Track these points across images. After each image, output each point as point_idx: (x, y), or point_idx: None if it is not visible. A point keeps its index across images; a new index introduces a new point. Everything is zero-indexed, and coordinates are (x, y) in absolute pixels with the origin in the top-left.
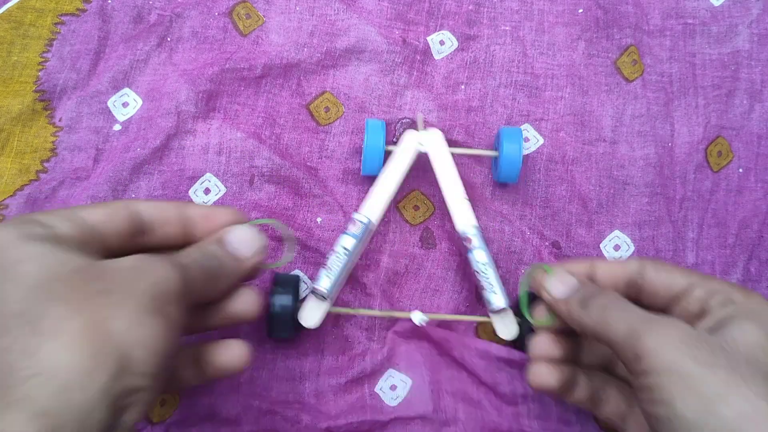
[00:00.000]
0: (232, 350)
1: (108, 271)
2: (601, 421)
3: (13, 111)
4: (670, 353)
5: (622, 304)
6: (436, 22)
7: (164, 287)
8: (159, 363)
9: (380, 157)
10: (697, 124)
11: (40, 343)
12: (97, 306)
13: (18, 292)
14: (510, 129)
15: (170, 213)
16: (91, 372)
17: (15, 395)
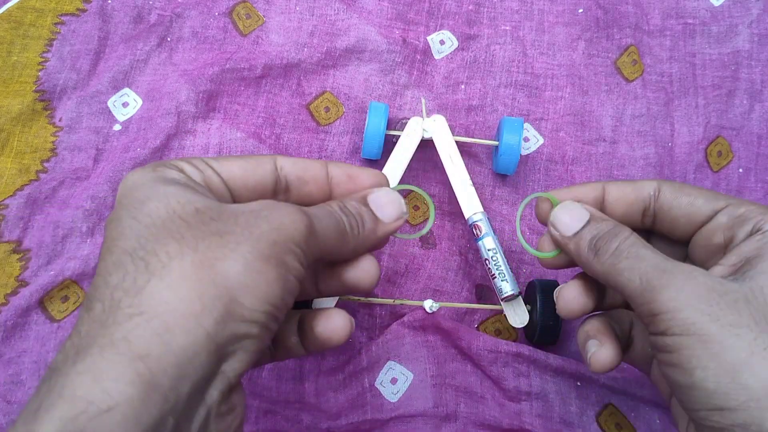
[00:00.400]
0: (336, 320)
1: (230, 212)
2: (603, 424)
3: (13, 111)
4: (689, 313)
5: (635, 249)
6: (436, 22)
7: (287, 234)
8: (269, 312)
9: (381, 139)
10: (697, 124)
11: (147, 281)
12: (210, 246)
13: (137, 228)
14: (511, 119)
15: (315, 171)
16: (196, 314)
17: (114, 335)
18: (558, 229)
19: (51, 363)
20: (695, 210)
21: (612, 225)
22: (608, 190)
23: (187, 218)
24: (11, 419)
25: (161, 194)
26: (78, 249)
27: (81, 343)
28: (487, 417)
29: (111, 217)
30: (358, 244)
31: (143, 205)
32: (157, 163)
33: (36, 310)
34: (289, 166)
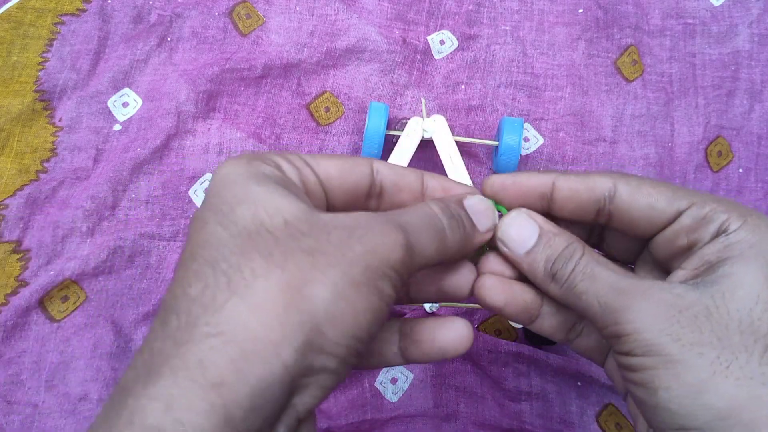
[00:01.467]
0: (456, 329)
1: (322, 226)
2: (600, 423)
3: (13, 111)
4: (650, 334)
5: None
6: (436, 22)
7: (382, 257)
8: (351, 346)
9: (381, 139)
10: (697, 124)
11: (227, 299)
12: (299, 266)
13: (223, 237)
14: (511, 119)
15: (411, 179)
16: (276, 343)
17: (188, 357)
18: (507, 246)
19: (120, 379)
20: (656, 212)
21: (565, 243)
22: (558, 186)
23: (275, 232)
24: (11, 419)
25: (251, 198)
26: (78, 249)
27: (153, 362)
28: (487, 417)
29: (197, 215)
30: (459, 250)
31: (232, 211)
32: (253, 155)
33: (36, 310)
34: (385, 171)
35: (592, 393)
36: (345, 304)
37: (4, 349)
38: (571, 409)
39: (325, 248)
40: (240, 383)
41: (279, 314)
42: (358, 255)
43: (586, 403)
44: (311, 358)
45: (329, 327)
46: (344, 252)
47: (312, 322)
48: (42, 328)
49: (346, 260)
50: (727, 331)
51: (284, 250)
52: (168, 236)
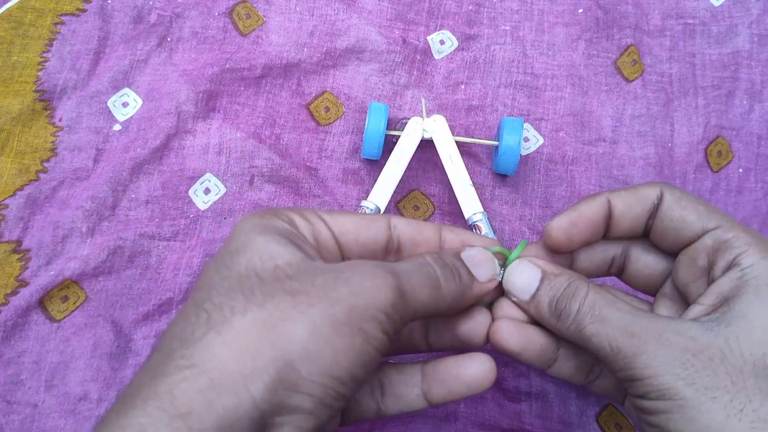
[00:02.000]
0: (481, 364)
1: (311, 270)
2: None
3: (13, 111)
4: (664, 379)
5: (598, 311)
6: (436, 22)
7: (369, 299)
8: (329, 385)
9: (381, 139)
10: (697, 125)
11: (204, 334)
12: (278, 305)
13: (214, 281)
14: (511, 119)
15: (428, 234)
16: (245, 375)
17: (160, 387)
18: (514, 295)
19: (104, 414)
20: (685, 226)
21: (567, 281)
22: (613, 203)
23: (262, 274)
24: (11, 419)
25: (251, 247)
26: (78, 249)
27: (128, 393)
28: (486, 417)
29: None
30: (455, 299)
31: (231, 258)
32: (270, 211)
33: (36, 310)
34: (402, 226)
35: (592, 393)
36: (322, 343)
37: (4, 349)
38: (571, 410)
39: (308, 289)
40: (207, 413)
41: (251, 349)
42: (342, 295)
43: (586, 403)
44: (283, 396)
45: (304, 364)
46: (327, 293)
47: (285, 359)
48: (42, 328)
49: (329, 300)
50: (741, 374)
51: (266, 290)
52: (168, 236)
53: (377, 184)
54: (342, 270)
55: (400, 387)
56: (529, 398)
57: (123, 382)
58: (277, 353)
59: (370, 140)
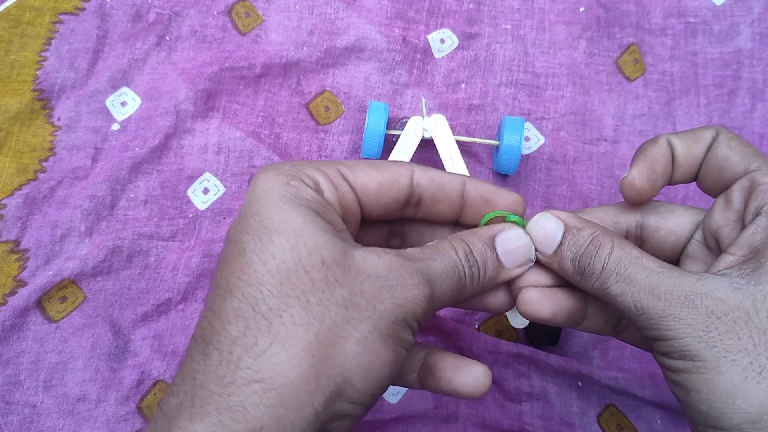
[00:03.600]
0: (473, 374)
1: (355, 273)
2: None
3: (11, 110)
4: (685, 341)
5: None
6: (436, 21)
7: (409, 310)
8: (376, 393)
9: (381, 139)
10: (699, 124)
11: (269, 345)
12: (336, 320)
13: (261, 273)
14: (512, 118)
15: (451, 190)
16: (311, 392)
17: (232, 399)
18: (536, 248)
19: (163, 404)
20: (728, 166)
21: (590, 236)
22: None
23: (312, 273)
24: (9, 419)
25: (290, 228)
26: (76, 249)
27: (197, 395)
28: (487, 418)
29: (235, 237)
30: (474, 294)
31: (270, 240)
32: (293, 172)
33: (34, 311)
34: (426, 182)
35: (593, 393)
36: (373, 357)
37: (3, 350)
38: (572, 410)
39: (358, 300)
40: (276, 427)
41: (316, 366)
42: (388, 309)
43: (587, 403)
44: (339, 406)
45: (359, 379)
46: (375, 305)
47: (344, 375)
48: (40, 328)
49: (377, 314)
50: (764, 336)
51: (321, 299)
52: (167, 236)
53: None
54: (385, 277)
55: (406, 371)
56: (530, 399)
57: (122, 382)
58: (337, 370)
59: (370, 140)
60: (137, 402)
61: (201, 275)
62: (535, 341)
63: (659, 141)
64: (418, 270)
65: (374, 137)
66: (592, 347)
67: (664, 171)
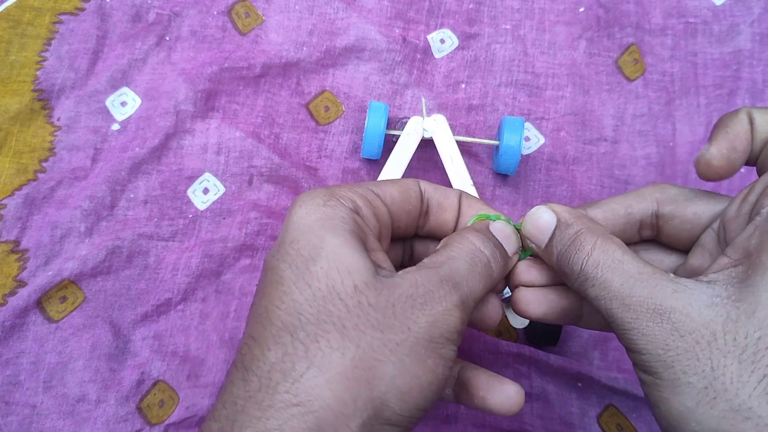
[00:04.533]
0: (507, 394)
1: (386, 296)
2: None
3: (11, 110)
4: (648, 358)
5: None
6: (436, 21)
7: (444, 326)
8: (414, 416)
9: (381, 139)
10: (699, 124)
11: (306, 369)
12: (371, 344)
13: (299, 301)
14: (512, 118)
15: (452, 199)
16: (348, 416)
17: (270, 422)
18: (530, 240)
19: (205, 428)
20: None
21: (574, 234)
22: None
23: (346, 299)
24: (9, 420)
25: (324, 254)
26: (76, 249)
27: (237, 419)
28: (487, 418)
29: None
30: (499, 278)
31: (307, 269)
32: (330, 193)
33: (34, 311)
34: (431, 191)
35: (593, 394)
36: (411, 380)
37: (2, 350)
38: (572, 410)
39: (391, 323)
40: None
41: (352, 390)
42: (422, 328)
43: (587, 404)
44: (378, 429)
45: (397, 402)
46: (410, 326)
47: (381, 398)
48: (40, 328)
49: (413, 335)
50: (724, 359)
51: (356, 324)
52: (166, 236)
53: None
54: (414, 296)
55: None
56: (530, 399)
57: (122, 383)
58: (374, 393)
59: (370, 140)
60: (137, 402)
61: (201, 275)
62: (535, 341)
63: (740, 114)
64: (443, 279)
65: (374, 137)
66: (593, 347)
67: (745, 149)
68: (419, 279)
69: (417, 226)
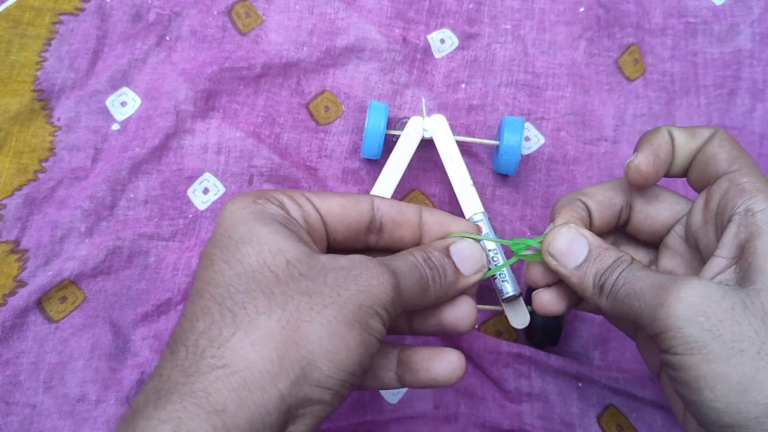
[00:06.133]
0: (449, 361)
1: (320, 267)
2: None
3: (11, 110)
4: (690, 330)
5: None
6: (436, 21)
7: (374, 297)
8: (344, 379)
9: (381, 139)
10: (699, 124)
11: (232, 333)
12: (299, 306)
13: (228, 276)
14: (512, 118)
15: (410, 215)
16: (275, 375)
17: (195, 385)
18: (557, 260)
19: (133, 403)
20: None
21: (614, 257)
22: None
23: (277, 271)
24: (9, 420)
25: (255, 238)
26: (76, 249)
27: (163, 387)
28: (487, 418)
29: (205, 252)
30: (440, 297)
31: (237, 249)
32: (259, 194)
33: (34, 311)
34: (386, 207)
35: (593, 394)
36: (338, 341)
37: (3, 350)
38: (572, 410)
39: (322, 289)
40: (240, 409)
41: (279, 349)
42: (352, 295)
43: (587, 404)
44: (307, 391)
45: (325, 363)
46: (339, 292)
47: (308, 358)
48: (40, 328)
49: (341, 300)
50: (764, 324)
51: (285, 290)
52: (166, 236)
53: (377, 184)
54: (350, 268)
55: (378, 369)
56: (530, 399)
57: (122, 383)
58: (301, 353)
59: (370, 140)
60: None
61: None
62: (535, 341)
63: (661, 130)
64: (382, 263)
65: (374, 137)
66: (593, 348)
67: (667, 158)
68: (357, 259)
69: (366, 241)
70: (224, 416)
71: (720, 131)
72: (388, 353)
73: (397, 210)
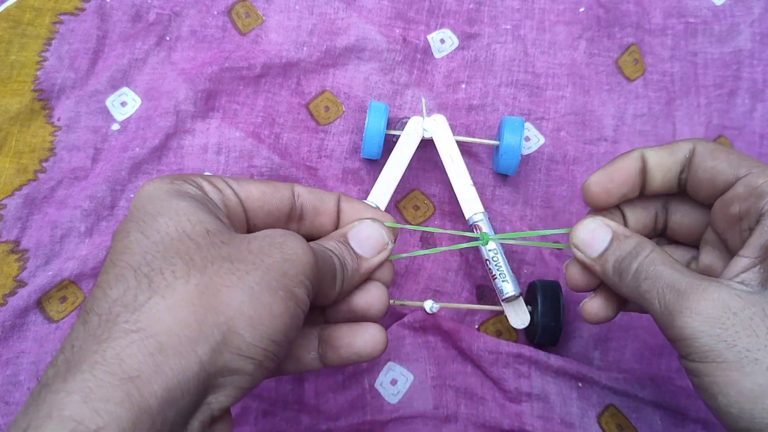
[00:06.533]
0: (371, 334)
1: (240, 238)
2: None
3: (11, 110)
4: (705, 341)
5: (654, 268)
6: (436, 21)
7: (299, 265)
8: (267, 348)
9: (381, 139)
10: (699, 124)
11: (148, 298)
12: (218, 270)
13: (145, 244)
14: (512, 118)
15: (329, 203)
16: (193, 339)
17: (107, 352)
18: (581, 251)
19: (42, 377)
20: (718, 175)
21: (634, 243)
22: (647, 157)
23: (197, 239)
24: (9, 420)
25: (173, 210)
26: (76, 249)
27: (73, 358)
28: (487, 418)
29: (119, 228)
30: (346, 285)
31: (153, 220)
32: (176, 176)
33: (34, 311)
34: (306, 194)
35: (593, 394)
36: (261, 307)
37: (3, 350)
38: (572, 411)
39: (245, 256)
40: (156, 375)
41: (197, 313)
42: (276, 261)
43: (587, 404)
44: (228, 358)
45: (246, 329)
46: (263, 258)
47: (229, 324)
48: (40, 328)
49: (265, 266)
50: None
51: (205, 256)
52: None
53: (377, 184)
54: (273, 236)
55: (298, 350)
56: (530, 399)
57: None
58: (221, 318)
59: (370, 140)
60: None
61: None
62: (535, 341)
63: (632, 154)
64: (303, 239)
65: (374, 137)
66: (593, 348)
67: (624, 182)
68: (280, 230)
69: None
70: (139, 382)
71: (699, 142)
72: (307, 333)
73: (317, 197)
